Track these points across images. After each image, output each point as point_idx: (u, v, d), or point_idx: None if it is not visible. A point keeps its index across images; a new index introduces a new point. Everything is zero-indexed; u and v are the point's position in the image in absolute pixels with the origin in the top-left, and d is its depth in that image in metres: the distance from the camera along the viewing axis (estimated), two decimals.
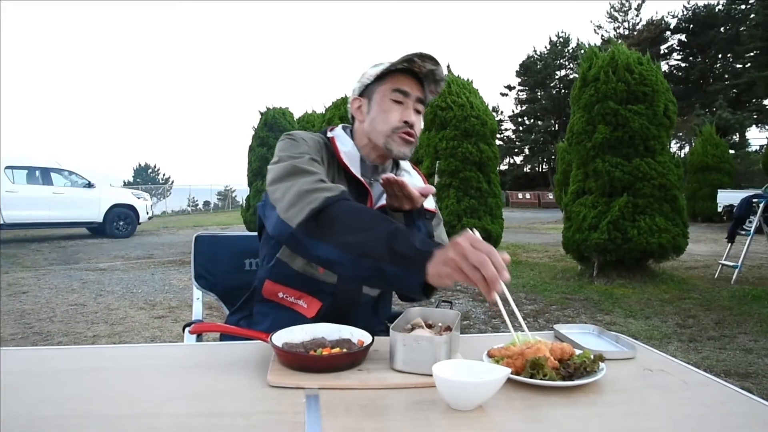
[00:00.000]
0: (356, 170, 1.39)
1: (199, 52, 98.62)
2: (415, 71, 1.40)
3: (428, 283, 0.98)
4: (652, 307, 5.41)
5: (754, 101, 33.05)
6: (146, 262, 8.92)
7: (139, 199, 13.93)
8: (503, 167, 44.37)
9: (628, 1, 41.73)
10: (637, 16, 42.08)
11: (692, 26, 38.51)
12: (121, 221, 13.17)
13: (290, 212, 1.12)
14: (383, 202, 1.40)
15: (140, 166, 48.69)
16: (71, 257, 9.61)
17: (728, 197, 14.51)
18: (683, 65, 40.32)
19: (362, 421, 0.82)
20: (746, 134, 31.47)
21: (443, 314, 1.17)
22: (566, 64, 44.90)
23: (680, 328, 4.67)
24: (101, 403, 0.89)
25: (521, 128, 47.59)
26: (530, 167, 48.73)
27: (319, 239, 1.09)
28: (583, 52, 7.30)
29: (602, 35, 42.17)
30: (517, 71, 46.73)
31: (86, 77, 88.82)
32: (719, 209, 15.06)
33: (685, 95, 33.93)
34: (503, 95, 48.81)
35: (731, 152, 17.88)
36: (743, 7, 33.96)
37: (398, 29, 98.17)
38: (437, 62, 1.36)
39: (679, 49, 40.52)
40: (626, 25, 42.27)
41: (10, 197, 11.40)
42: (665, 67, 37.68)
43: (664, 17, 40.39)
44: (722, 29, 36.33)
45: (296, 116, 13.35)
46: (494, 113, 9.22)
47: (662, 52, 39.09)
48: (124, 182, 39.72)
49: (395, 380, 0.96)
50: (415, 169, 1.59)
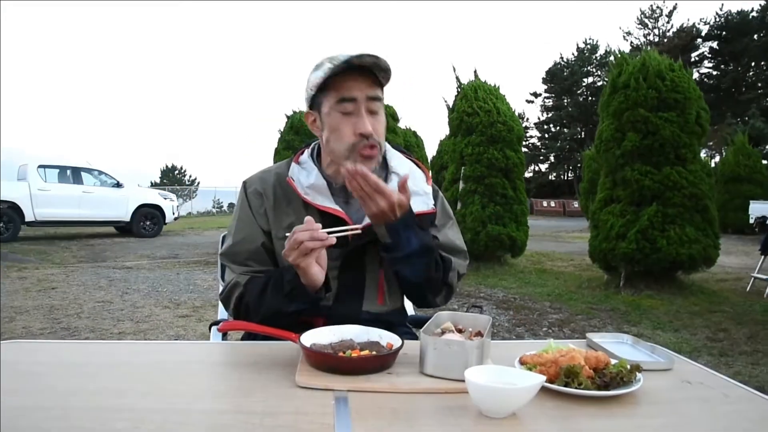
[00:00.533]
0: (324, 201, 1.32)
1: (227, 56, 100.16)
2: (357, 65, 1.27)
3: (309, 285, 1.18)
4: (681, 319, 5.28)
5: None
6: (171, 261, 9.04)
7: (165, 199, 14.18)
8: (528, 175, 44.02)
9: (659, 7, 41.20)
10: (668, 22, 41.42)
11: (725, 33, 37.80)
12: (147, 221, 13.39)
13: (223, 302, 1.42)
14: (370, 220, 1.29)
15: (167, 167, 49.40)
16: (99, 255, 9.80)
17: (760, 209, 14.13)
18: (714, 73, 39.59)
19: (392, 425, 0.81)
20: None
21: (474, 319, 1.15)
22: (594, 71, 44.42)
23: (710, 341, 4.55)
24: (132, 397, 0.89)
25: (547, 135, 47.22)
26: (555, 175, 48.30)
27: (244, 319, 1.32)
28: (612, 58, 7.19)
29: (631, 42, 41.69)
30: (543, 78, 46.46)
31: (118, 81, 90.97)
32: (751, 221, 14.66)
33: (716, 104, 33.23)
34: (529, 102, 48.36)
35: (764, 162, 17.40)
36: None
37: (426, 34, 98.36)
38: (375, 56, 1.24)
39: (710, 56, 39.81)
40: (656, 32, 41.72)
41: (42, 195, 11.70)
42: (696, 75, 36.75)
43: (695, 24, 39.75)
44: (756, 36, 35.60)
45: None
46: (520, 120, 9.13)
47: (693, 59, 38.41)
48: (151, 183, 40.44)
49: (425, 385, 0.95)
50: (412, 160, 1.47)
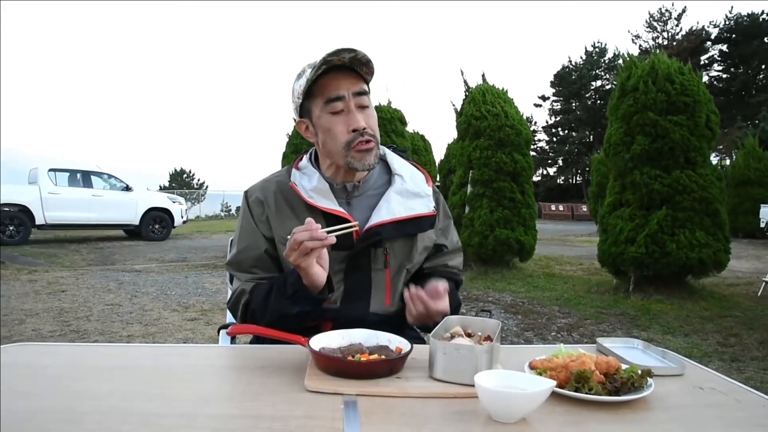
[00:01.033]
0: (328, 203, 1.32)
1: (236, 59, 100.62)
2: (338, 64, 1.27)
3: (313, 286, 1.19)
4: (691, 324, 5.23)
5: None
6: (180, 265, 9.07)
7: (174, 203, 14.24)
8: (536, 178, 43.87)
9: (668, 10, 41.01)
10: (677, 25, 41.22)
11: (734, 36, 37.59)
12: (156, 224, 13.46)
13: (231, 310, 1.44)
14: (376, 221, 1.32)
15: (176, 171, 49.51)
16: (108, 258, 9.86)
17: None
18: (724, 76, 39.36)
19: (402, 429, 0.80)
20: None
21: (483, 323, 1.14)
22: (602, 74, 44.25)
23: (721, 346, 4.50)
24: (139, 400, 0.89)
25: (555, 139, 47.07)
26: (563, 179, 48.10)
27: (251, 322, 1.33)
28: (621, 61, 7.16)
29: (640, 45, 41.49)
30: (551, 82, 46.31)
31: (128, 85, 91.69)
32: (762, 224, 14.52)
33: (726, 107, 33.02)
34: (537, 106, 48.17)
35: None
36: None
37: (434, 37, 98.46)
38: (352, 49, 1.24)
39: (720, 59, 39.59)
40: (665, 34, 41.52)
41: (52, 199, 11.79)
42: (705, 78, 36.68)
43: (705, 27, 39.55)
44: (766, 39, 35.35)
45: None
46: (528, 123, 9.11)
47: (702, 62, 38.21)
48: (160, 186, 40.73)
49: (435, 389, 0.94)
50: (413, 164, 1.47)
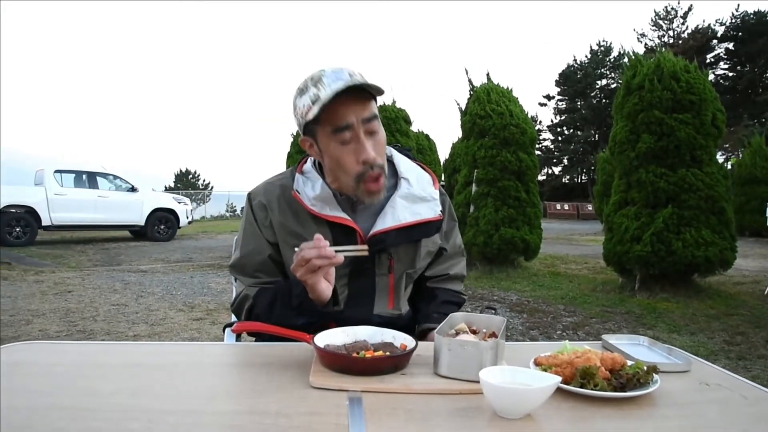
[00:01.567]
0: (333, 211, 1.29)
1: (241, 60, 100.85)
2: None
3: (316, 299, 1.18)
4: (697, 322, 5.21)
5: None
6: (185, 265, 9.10)
7: (179, 203, 14.28)
8: (541, 177, 43.71)
9: (674, 8, 40.84)
10: (683, 24, 41.06)
11: (741, 34, 37.39)
12: (162, 225, 13.50)
13: (235, 313, 1.44)
14: (381, 227, 1.29)
15: (181, 171, 49.62)
16: (114, 259, 9.90)
17: None
18: (730, 75, 39.15)
19: (407, 425, 0.80)
20: None
21: (488, 320, 1.14)
22: (607, 73, 44.13)
23: (728, 345, 4.48)
24: (145, 398, 0.89)
25: (560, 138, 46.96)
26: (569, 178, 48.00)
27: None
28: (627, 60, 7.13)
29: (646, 44, 41.37)
30: (556, 81, 46.24)
31: (133, 86, 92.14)
32: None
33: (732, 105, 32.84)
34: (542, 105, 48.03)
35: None
36: None
37: (438, 36, 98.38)
38: (361, 83, 1.17)
39: (726, 57, 39.38)
40: (671, 33, 41.37)
41: (58, 200, 11.84)
42: (712, 76, 36.59)
43: (711, 25, 39.38)
44: None
45: None
46: (533, 122, 9.10)
47: (708, 61, 38.02)
48: (165, 187, 40.83)
49: (440, 385, 0.94)
50: (419, 165, 1.45)
